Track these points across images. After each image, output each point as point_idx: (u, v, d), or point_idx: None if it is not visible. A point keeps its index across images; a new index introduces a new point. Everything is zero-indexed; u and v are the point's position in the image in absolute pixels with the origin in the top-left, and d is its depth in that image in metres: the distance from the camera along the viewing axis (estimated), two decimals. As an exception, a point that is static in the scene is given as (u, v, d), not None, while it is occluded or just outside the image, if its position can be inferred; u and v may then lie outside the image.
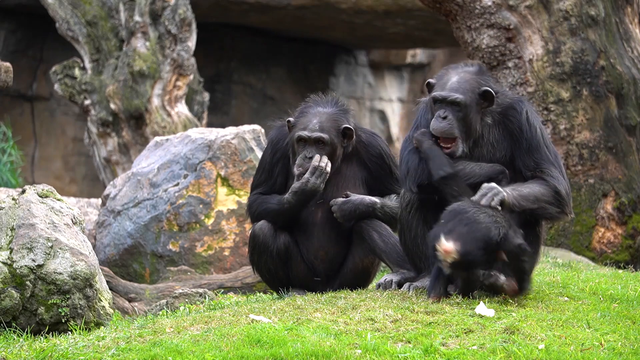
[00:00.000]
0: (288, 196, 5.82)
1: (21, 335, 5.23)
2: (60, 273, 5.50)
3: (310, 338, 4.50)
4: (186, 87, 13.05)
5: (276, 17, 16.69)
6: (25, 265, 5.48)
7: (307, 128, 5.84)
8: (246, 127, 8.40)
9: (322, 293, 5.56)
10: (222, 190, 8.13)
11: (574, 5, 8.65)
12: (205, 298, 6.34)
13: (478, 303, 4.99)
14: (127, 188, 8.32)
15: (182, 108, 12.98)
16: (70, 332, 5.30)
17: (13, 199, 5.79)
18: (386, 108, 19.24)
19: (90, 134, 13.15)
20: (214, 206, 8.10)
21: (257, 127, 8.42)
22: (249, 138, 8.27)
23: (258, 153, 8.15)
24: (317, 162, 5.76)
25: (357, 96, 19.02)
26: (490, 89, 5.42)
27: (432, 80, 5.57)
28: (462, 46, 8.92)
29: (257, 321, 4.78)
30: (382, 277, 5.68)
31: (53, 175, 16.87)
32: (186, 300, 6.30)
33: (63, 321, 5.50)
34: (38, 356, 4.54)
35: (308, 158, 5.81)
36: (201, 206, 8.09)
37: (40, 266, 5.50)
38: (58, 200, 5.91)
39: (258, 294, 6.77)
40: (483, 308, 4.92)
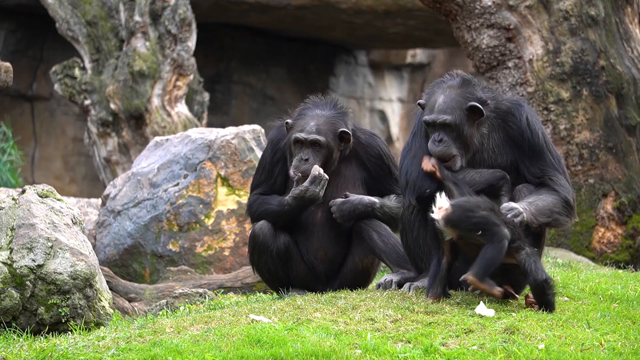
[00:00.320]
0: (288, 199, 5.81)
1: (21, 335, 5.23)
2: (60, 273, 5.50)
3: (310, 338, 4.49)
4: (186, 87, 13.04)
5: (276, 17, 16.68)
6: (25, 265, 5.48)
7: (304, 130, 5.84)
8: (246, 127, 8.40)
9: (322, 293, 5.56)
10: (222, 190, 8.13)
11: (574, 5, 8.65)
12: (205, 298, 6.33)
13: (478, 303, 4.99)
14: (127, 188, 8.32)
15: (182, 108, 12.97)
16: (70, 332, 5.29)
17: (13, 199, 5.79)
18: (386, 108, 19.23)
19: (90, 134, 13.15)
20: (214, 206, 8.10)
21: (257, 127, 8.42)
22: (249, 138, 8.27)
23: (258, 153, 8.15)
24: (317, 172, 5.76)
25: (357, 96, 19.01)
26: (475, 104, 5.35)
27: (422, 100, 5.52)
28: (462, 46, 8.92)
29: (257, 321, 4.78)
30: (382, 277, 5.68)
31: (53, 175, 16.87)
32: (186, 300, 6.30)
33: (63, 321, 5.50)
34: (38, 356, 4.54)
35: (304, 160, 5.81)
36: (201, 206, 8.09)
37: (40, 266, 5.50)
38: (58, 200, 5.91)
39: (258, 294, 6.77)
40: (483, 308, 4.92)
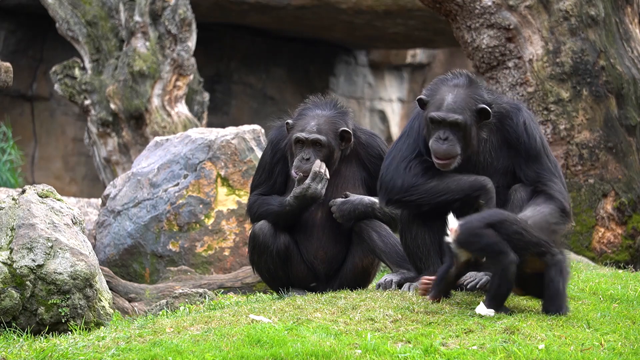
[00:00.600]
0: (290, 199, 5.81)
1: (21, 335, 5.24)
2: (60, 273, 5.50)
3: (310, 338, 4.49)
4: (186, 87, 13.03)
5: (276, 17, 16.68)
6: (25, 265, 5.48)
7: (305, 130, 5.84)
8: (246, 127, 8.39)
9: (322, 293, 5.56)
10: (222, 190, 8.13)
11: (574, 5, 8.65)
12: (205, 298, 6.33)
13: (478, 303, 4.99)
14: (127, 188, 8.32)
15: (182, 108, 12.97)
16: (70, 332, 5.30)
17: (13, 199, 5.79)
18: (386, 108, 19.23)
19: (90, 134, 13.14)
20: (214, 206, 8.10)
21: (257, 127, 8.42)
22: (249, 138, 8.26)
23: (258, 153, 8.15)
24: (318, 168, 5.75)
25: (357, 96, 19.01)
26: (486, 107, 5.34)
27: (424, 97, 5.43)
28: (462, 46, 8.91)
29: (257, 321, 4.78)
30: (382, 277, 5.69)
31: (53, 175, 16.87)
32: (186, 300, 6.30)
33: (63, 321, 5.50)
34: (38, 356, 4.54)
35: (305, 159, 5.81)
36: (201, 206, 8.09)
37: (40, 266, 5.50)
38: (58, 200, 5.91)
39: (258, 294, 6.77)
40: (483, 308, 4.91)
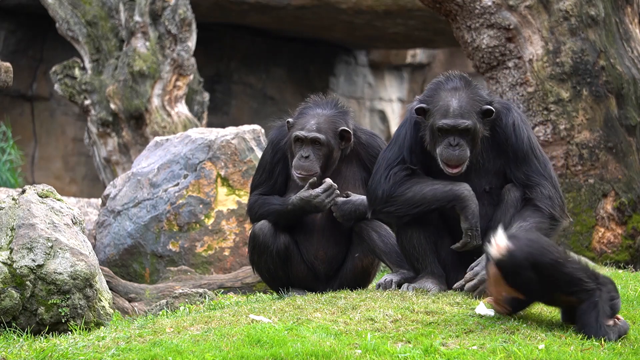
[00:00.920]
0: (294, 199, 5.79)
1: (21, 335, 5.23)
2: (60, 273, 5.50)
3: (310, 338, 4.49)
4: (186, 87, 13.03)
5: (276, 17, 16.68)
6: (25, 265, 5.48)
7: (305, 128, 5.84)
8: (246, 127, 8.39)
9: (322, 293, 5.56)
10: (222, 190, 8.13)
11: (574, 5, 8.65)
12: (205, 298, 6.33)
13: (478, 303, 4.99)
14: (127, 188, 8.32)
15: (182, 108, 12.97)
16: (70, 332, 5.30)
17: (13, 199, 5.79)
18: (386, 108, 19.23)
19: (90, 134, 13.14)
20: (214, 206, 8.10)
21: (257, 127, 8.41)
22: (249, 138, 8.26)
23: (258, 153, 8.15)
24: (331, 183, 5.76)
25: (357, 96, 19.01)
26: (490, 107, 5.34)
27: (425, 105, 5.39)
28: (462, 46, 8.92)
29: (257, 321, 4.78)
30: (382, 277, 5.69)
31: (53, 175, 16.87)
32: (186, 300, 6.29)
33: (63, 321, 5.50)
34: (38, 356, 4.54)
35: (304, 157, 5.81)
36: (201, 206, 8.08)
37: (40, 266, 5.50)
38: (58, 200, 5.91)
39: (258, 294, 6.77)
40: (483, 308, 4.92)
